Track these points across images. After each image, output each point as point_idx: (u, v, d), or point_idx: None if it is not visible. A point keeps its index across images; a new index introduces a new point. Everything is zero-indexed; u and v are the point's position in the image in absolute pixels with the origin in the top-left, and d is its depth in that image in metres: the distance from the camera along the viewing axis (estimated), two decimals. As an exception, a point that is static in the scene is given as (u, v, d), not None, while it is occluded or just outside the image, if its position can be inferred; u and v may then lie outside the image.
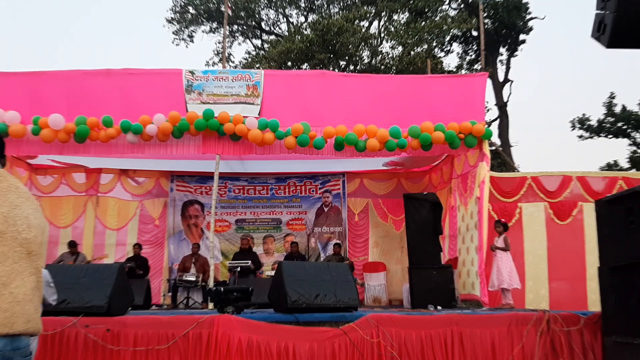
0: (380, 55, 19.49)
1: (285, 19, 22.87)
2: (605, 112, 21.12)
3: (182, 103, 8.18)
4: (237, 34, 23.07)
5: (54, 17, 43.34)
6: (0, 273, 1.86)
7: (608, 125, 21.05)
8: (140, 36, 46.70)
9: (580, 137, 21.75)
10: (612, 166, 21.59)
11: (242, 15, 21.62)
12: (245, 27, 22.97)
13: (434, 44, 19.60)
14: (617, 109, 20.87)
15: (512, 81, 21.36)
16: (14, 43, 41.73)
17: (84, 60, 43.64)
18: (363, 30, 19.59)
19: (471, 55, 21.49)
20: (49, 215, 9.83)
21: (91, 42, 44.69)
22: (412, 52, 17.91)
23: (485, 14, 19.41)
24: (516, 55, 21.54)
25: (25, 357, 1.93)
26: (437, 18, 19.42)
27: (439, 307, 7.02)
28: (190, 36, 22.36)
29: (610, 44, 2.97)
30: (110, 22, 43.90)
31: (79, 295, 5.24)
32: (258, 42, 23.29)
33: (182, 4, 21.86)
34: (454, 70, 20.41)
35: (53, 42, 44.36)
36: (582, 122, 21.49)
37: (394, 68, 18.10)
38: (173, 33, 22.23)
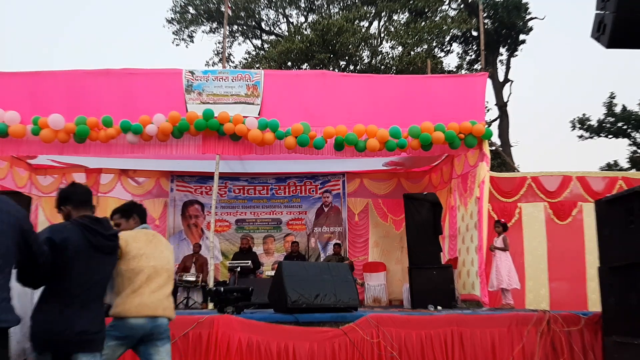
0: (380, 55, 19.49)
1: (285, 19, 22.89)
2: (605, 112, 21.14)
3: (182, 103, 8.17)
4: (237, 34, 23.08)
5: (54, 16, 43.37)
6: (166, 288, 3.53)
7: (608, 125, 21.06)
8: (140, 36, 46.73)
9: (580, 137, 21.77)
10: (612, 166, 21.60)
11: (242, 15, 21.63)
12: (245, 27, 22.97)
13: (434, 44, 19.61)
14: (617, 109, 20.88)
15: (512, 81, 21.39)
16: (14, 43, 41.76)
17: (84, 60, 43.68)
18: (363, 30, 19.60)
19: (471, 55, 21.50)
20: (49, 216, 9.82)
21: (91, 41, 44.72)
22: (412, 52, 17.91)
23: (485, 14, 19.41)
24: (516, 55, 21.58)
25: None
26: (437, 18, 19.43)
27: (439, 307, 7.02)
28: (190, 36, 22.37)
29: (610, 44, 2.97)
30: (110, 22, 43.93)
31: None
32: (258, 42, 23.31)
33: (182, 4, 21.86)
34: (454, 70, 20.41)
35: (52, 42, 44.39)
36: (582, 122, 21.50)
37: (394, 68, 18.11)
38: (173, 33, 22.26)
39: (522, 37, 21.02)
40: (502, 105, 20.88)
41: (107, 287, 3.12)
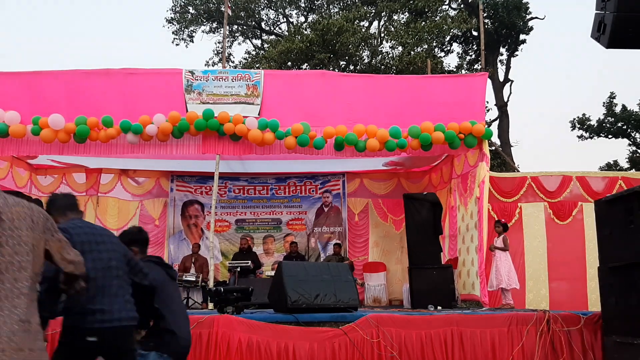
0: (380, 55, 19.49)
1: (285, 19, 22.88)
2: (605, 112, 21.14)
3: (182, 103, 8.17)
4: (237, 34, 23.07)
5: (54, 16, 43.37)
6: None
7: (608, 125, 21.07)
8: (140, 36, 46.70)
9: (580, 137, 21.78)
10: (612, 166, 21.62)
11: (242, 15, 21.61)
12: (245, 27, 22.97)
13: (434, 44, 19.59)
14: (617, 109, 20.89)
15: (512, 81, 21.37)
16: (14, 43, 41.76)
17: (84, 60, 43.66)
18: (363, 30, 19.59)
19: (471, 55, 21.49)
20: (49, 216, 9.82)
21: (91, 42, 44.71)
22: (412, 52, 17.90)
23: (485, 14, 19.39)
24: (516, 55, 21.56)
25: None
26: (437, 18, 19.41)
27: (439, 307, 7.02)
28: (190, 36, 22.35)
29: (610, 44, 2.97)
30: (110, 22, 43.92)
31: (79, 295, 5.22)
32: (258, 42, 23.30)
33: (182, 4, 21.85)
34: (454, 70, 20.39)
35: (52, 42, 44.38)
36: (582, 122, 21.51)
37: (394, 68, 18.10)
38: (173, 33, 22.23)
39: (522, 37, 21.01)
40: (502, 105, 20.88)
41: None
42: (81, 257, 2.48)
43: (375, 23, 21.10)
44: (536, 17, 20.82)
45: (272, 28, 23.13)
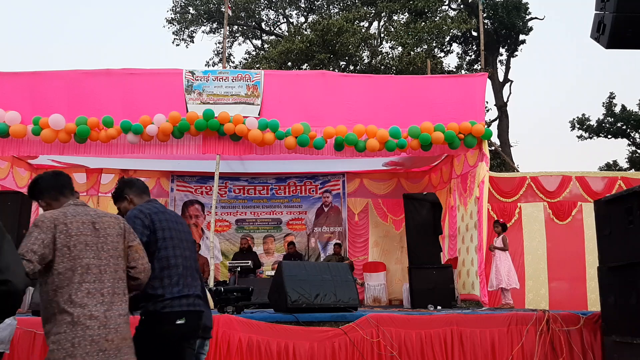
0: (380, 56, 19.50)
1: (285, 19, 22.90)
2: (605, 112, 21.17)
3: (182, 103, 8.18)
4: (237, 34, 23.09)
5: (54, 16, 43.39)
6: None
7: (607, 126, 21.10)
8: (140, 36, 46.75)
9: (580, 137, 21.81)
10: (611, 166, 21.65)
11: (242, 15, 21.64)
12: (245, 28, 22.99)
13: (434, 44, 19.60)
14: (617, 109, 20.91)
15: (511, 81, 21.39)
16: (14, 43, 41.78)
17: (84, 60, 43.68)
18: (363, 30, 19.61)
19: (471, 56, 21.51)
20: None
21: (91, 42, 44.74)
22: (412, 53, 17.91)
23: (485, 15, 19.41)
24: (516, 56, 21.58)
25: None
26: (437, 18, 19.43)
27: (439, 307, 7.03)
28: (191, 36, 22.37)
29: (610, 45, 2.98)
30: (111, 22, 43.95)
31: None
32: (258, 43, 23.32)
33: (183, 4, 21.87)
34: (454, 70, 20.41)
35: (52, 42, 44.41)
36: (581, 122, 21.53)
37: (394, 68, 18.11)
38: (173, 33, 22.25)
39: (521, 37, 21.03)
40: (501, 106, 20.90)
41: None
42: (149, 265, 2.72)
43: (375, 23, 21.14)
44: (536, 18, 20.86)
45: (272, 28, 23.16)
